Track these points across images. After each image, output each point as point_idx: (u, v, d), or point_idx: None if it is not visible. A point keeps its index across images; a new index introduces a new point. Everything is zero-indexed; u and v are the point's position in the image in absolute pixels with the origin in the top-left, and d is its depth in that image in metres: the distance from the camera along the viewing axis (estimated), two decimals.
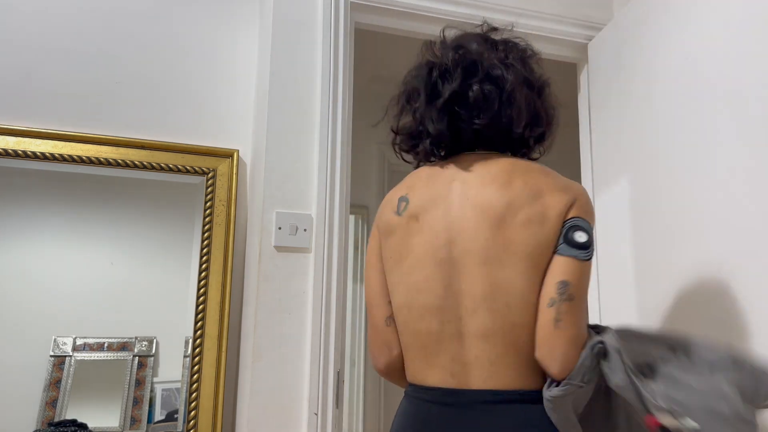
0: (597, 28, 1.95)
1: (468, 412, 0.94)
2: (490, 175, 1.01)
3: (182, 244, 1.71)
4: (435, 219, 1.01)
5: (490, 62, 1.04)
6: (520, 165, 1.04)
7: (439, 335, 0.98)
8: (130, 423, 1.57)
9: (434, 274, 0.99)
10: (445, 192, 1.03)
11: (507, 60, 1.06)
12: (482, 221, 0.98)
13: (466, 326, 0.97)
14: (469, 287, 0.97)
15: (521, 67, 1.06)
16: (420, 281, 1.00)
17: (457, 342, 0.97)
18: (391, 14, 1.81)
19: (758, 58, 1.28)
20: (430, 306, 0.99)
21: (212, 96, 1.81)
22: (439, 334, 0.98)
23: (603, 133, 1.86)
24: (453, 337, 0.97)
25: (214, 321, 1.61)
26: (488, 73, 1.04)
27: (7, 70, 1.64)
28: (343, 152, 1.63)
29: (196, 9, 1.85)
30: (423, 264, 1.00)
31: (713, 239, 1.36)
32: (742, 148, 1.30)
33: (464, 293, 0.97)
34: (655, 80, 1.60)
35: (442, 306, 0.98)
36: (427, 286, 0.99)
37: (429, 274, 0.99)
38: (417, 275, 1.01)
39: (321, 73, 1.65)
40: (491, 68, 1.04)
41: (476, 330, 0.96)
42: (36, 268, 1.59)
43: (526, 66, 1.09)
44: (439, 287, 0.98)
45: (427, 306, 0.99)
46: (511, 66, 1.05)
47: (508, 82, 1.03)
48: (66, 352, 1.57)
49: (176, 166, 1.69)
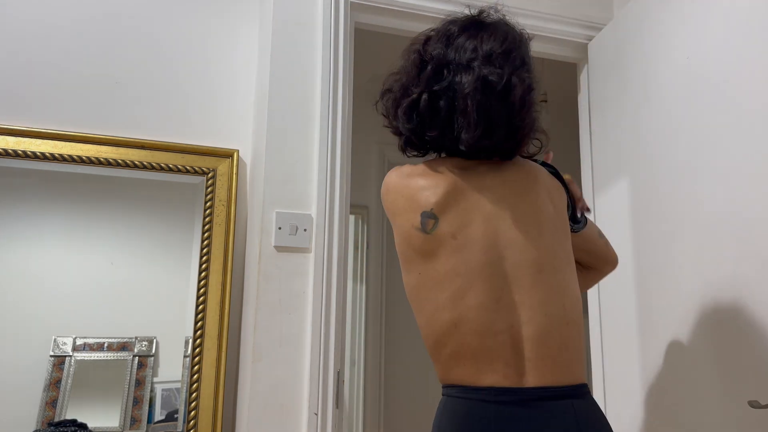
0: (597, 28, 1.95)
1: (525, 409, 0.95)
2: (518, 182, 1.06)
3: (182, 244, 1.71)
4: (476, 234, 1.01)
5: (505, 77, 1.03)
6: (531, 166, 1.09)
7: (490, 350, 0.98)
8: (130, 423, 1.57)
9: (483, 290, 0.99)
10: (478, 203, 1.04)
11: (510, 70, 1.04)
12: (531, 230, 1.02)
13: (520, 333, 0.98)
14: (522, 298, 1.00)
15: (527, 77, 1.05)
16: (469, 299, 0.99)
17: (511, 349, 0.97)
18: (391, 14, 1.81)
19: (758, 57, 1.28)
20: (482, 322, 0.98)
21: (212, 96, 1.81)
22: (491, 349, 0.98)
23: (603, 133, 1.86)
24: (506, 346, 0.97)
25: (214, 321, 1.61)
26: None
27: (7, 69, 1.64)
28: (343, 152, 1.63)
29: (196, 9, 1.84)
30: (469, 281, 0.99)
31: (713, 239, 1.36)
32: (742, 148, 1.30)
33: (518, 304, 0.99)
34: (655, 80, 1.60)
35: (494, 319, 0.98)
36: (478, 303, 0.98)
37: (478, 290, 0.99)
38: (465, 293, 0.99)
39: (321, 73, 1.65)
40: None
41: (532, 334, 0.98)
42: (36, 267, 1.59)
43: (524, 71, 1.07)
44: (491, 301, 0.98)
45: (480, 322, 0.98)
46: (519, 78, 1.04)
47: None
48: (66, 352, 1.57)
49: (176, 166, 1.69)
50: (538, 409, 0.94)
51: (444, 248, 1.00)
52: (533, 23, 1.90)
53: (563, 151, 2.87)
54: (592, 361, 1.84)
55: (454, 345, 0.99)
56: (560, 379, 0.96)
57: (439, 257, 1.01)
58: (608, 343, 1.77)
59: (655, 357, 1.53)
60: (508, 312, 0.98)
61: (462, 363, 0.98)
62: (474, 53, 1.02)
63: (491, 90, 1.00)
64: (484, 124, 1.00)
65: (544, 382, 0.95)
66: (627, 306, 1.65)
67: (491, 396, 0.95)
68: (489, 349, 0.97)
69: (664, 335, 1.50)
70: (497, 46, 1.03)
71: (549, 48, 1.98)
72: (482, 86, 1.00)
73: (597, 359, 1.81)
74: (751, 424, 1.22)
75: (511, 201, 1.03)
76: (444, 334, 0.99)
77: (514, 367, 0.96)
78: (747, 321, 1.26)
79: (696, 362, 1.39)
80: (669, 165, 1.53)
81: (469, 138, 1.01)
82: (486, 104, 1.00)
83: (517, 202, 1.03)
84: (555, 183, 1.11)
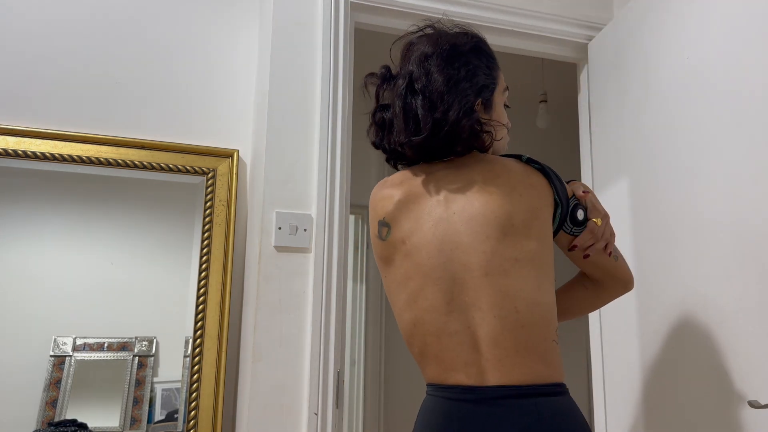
0: (597, 28, 1.95)
1: (486, 407, 0.95)
2: (474, 183, 1.05)
3: (182, 244, 1.71)
4: (425, 238, 1.03)
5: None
6: (498, 164, 1.08)
7: (449, 350, 0.99)
8: (130, 423, 1.57)
9: (433, 293, 1.00)
10: (429, 207, 1.05)
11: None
12: (479, 231, 1.01)
13: (477, 334, 0.98)
14: (473, 300, 0.99)
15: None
16: (422, 302, 1.02)
17: (471, 348, 0.98)
18: (391, 14, 1.80)
19: (758, 57, 1.28)
20: (436, 324, 1.00)
21: (212, 96, 1.81)
22: (450, 349, 0.99)
23: (603, 133, 1.86)
24: (465, 345, 0.98)
25: (214, 321, 1.61)
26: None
27: (7, 70, 1.64)
28: (343, 152, 1.63)
29: (196, 9, 1.84)
30: (420, 284, 1.02)
31: (713, 239, 1.36)
32: (742, 148, 1.30)
33: (470, 305, 0.99)
34: (655, 80, 1.60)
35: (446, 321, 0.99)
36: (429, 305, 1.01)
37: (429, 293, 1.01)
38: (417, 296, 1.02)
39: (321, 73, 1.65)
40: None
41: (485, 335, 0.98)
42: (36, 268, 1.59)
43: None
44: (442, 304, 1.00)
45: (434, 324, 1.00)
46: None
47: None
48: (66, 352, 1.57)
49: (176, 166, 1.69)
50: (500, 407, 0.94)
51: (398, 253, 1.05)
52: (533, 23, 1.90)
53: (563, 151, 2.88)
54: (592, 361, 1.84)
55: (419, 345, 1.03)
56: (523, 379, 0.95)
57: (395, 262, 1.06)
58: (608, 343, 1.77)
59: (655, 357, 1.53)
60: (462, 313, 0.99)
61: (429, 362, 1.02)
62: (408, 61, 1.08)
63: (413, 89, 1.04)
64: (412, 124, 1.04)
65: (505, 381, 0.95)
66: (627, 306, 1.65)
67: (455, 394, 0.98)
68: (449, 349, 0.99)
69: (664, 335, 1.50)
70: (429, 48, 1.06)
71: (549, 48, 1.98)
72: (407, 86, 1.05)
73: (597, 359, 1.81)
74: (751, 424, 1.22)
75: (462, 203, 1.03)
76: (409, 335, 1.05)
77: (475, 367, 0.97)
78: (747, 320, 1.26)
79: (696, 362, 1.39)
80: (669, 165, 1.53)
81: (401, 138, 1.05)
82: (411, 103, 1.04)
83: (467, 203, 1.03)
84: (531, 180, 1.06)
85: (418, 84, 1.04)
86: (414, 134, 1.04)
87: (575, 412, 0.98)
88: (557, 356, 1.00)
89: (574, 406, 0.99)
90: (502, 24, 1.87)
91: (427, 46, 1.07)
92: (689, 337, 1.42)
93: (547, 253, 1.03)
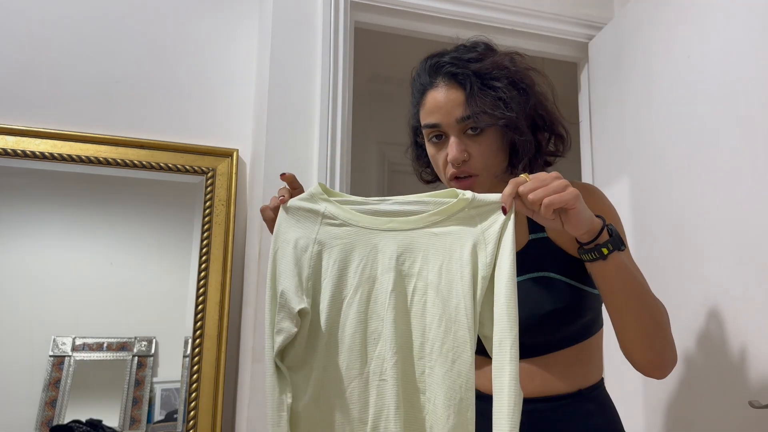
0: (597, 27, 1.95)
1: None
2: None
3: (182, 243, 1.70)
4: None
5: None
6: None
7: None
8: (130, 423, 1.56)
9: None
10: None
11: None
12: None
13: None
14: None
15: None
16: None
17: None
18: (391, 13, 1.80)
19: (758, 57, 1.28)
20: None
21: (212, 95, 1.80)
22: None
23: (603, 133, 1.86)
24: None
25: (213, 321, 1.61)
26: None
27: (7, 69, 1.64)
28: (343, 152, 1.63)
29: (195, 8, 1.84)
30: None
31: (713, 239, 1.36)
32: (742, 148, 1.30)
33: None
34: (656, 79, 1.60)
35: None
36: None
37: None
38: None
39: (321, 72, 1.65)
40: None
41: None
42: (35, 267, 1.58)
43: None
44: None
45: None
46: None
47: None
48: (65, 352, 1.57)
49: (176, 166, 1.69)
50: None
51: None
52: (534, 22, 1.90)
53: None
54: None
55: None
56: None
57: None
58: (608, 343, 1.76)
59: None
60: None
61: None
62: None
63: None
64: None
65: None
66: None
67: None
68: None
69: None
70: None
71: (549, 47, 1.97)
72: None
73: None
74: (751, 424, 1.22)
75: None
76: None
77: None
78: (747, 320, 1.26)
79: (696, 362, 1.39)
80: (669, 164, 1.52)
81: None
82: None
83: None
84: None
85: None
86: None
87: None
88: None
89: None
90: (503, 23, 1.87)
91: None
92: (689, 337, 1.41)
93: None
